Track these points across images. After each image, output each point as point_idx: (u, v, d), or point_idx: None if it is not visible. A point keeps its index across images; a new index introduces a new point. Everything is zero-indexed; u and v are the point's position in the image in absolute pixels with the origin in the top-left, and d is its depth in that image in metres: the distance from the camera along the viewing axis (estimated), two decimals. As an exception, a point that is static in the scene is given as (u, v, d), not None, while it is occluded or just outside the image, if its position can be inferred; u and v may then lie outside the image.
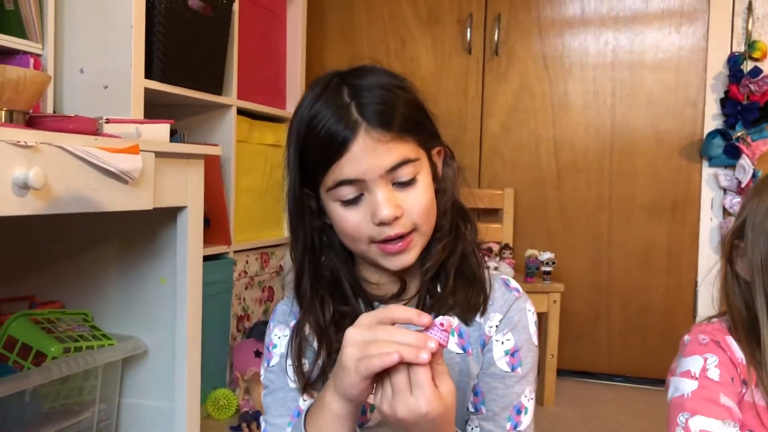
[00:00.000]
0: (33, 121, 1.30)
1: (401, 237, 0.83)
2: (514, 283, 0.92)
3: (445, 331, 0.68)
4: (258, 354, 2.12)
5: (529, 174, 2.69)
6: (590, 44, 2.62)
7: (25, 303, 1.64)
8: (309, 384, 0.86)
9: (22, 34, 1.62)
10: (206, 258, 1.69)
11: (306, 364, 0.87)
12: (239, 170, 2.21)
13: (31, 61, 1.64)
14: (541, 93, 2.68)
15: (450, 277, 0.87)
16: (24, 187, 1.08)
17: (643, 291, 2.56)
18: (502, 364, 0.86)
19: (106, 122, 1.44)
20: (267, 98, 2.40)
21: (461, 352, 0.86)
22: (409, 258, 0.84)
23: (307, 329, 0.88)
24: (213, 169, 2.06)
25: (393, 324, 0.69)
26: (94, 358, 1.46)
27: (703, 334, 1.00)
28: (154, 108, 1.83)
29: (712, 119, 2.46)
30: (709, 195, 2.48)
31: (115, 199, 1.28)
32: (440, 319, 0.68)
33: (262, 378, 0.94)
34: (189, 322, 1.55)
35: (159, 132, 1.51)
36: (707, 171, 2.47)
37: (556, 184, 2.66)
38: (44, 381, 1.35)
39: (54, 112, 1.68)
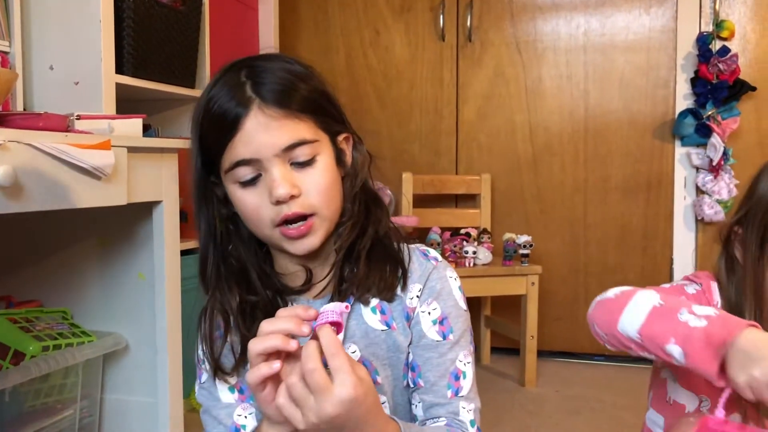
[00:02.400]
0: (2, 119, 1.28)
1: (302, 219, 0.81)
2: (433, 253, 0.92)
3: (336, 312, 0.70)
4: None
5: (506, 159, 2.71)
6: (562, 28, 2.64)
7: (2, 304, 1.63)
8: (220, 369, 0.86)
9: (-12, 32, 1.61)
10: (184, 252, 1.69)
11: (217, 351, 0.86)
12: (215, 163, 2.20)
13: (-1, 58, 1.62)
14: (515, 78, 2.69)
15: (361, 260, 0.86)
16: (-6, 185, 1.07)
17: (619, 270, 2.60)
18: (432, 333, 0.86)
19: (77, 119, 1.43)
20: (241, 90, 2.39)
21: (386, 328, 0.86)
22: (312, 241, 0.83)
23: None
24: (188, 162, 2.05)
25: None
26: (73, 355, 1.46)
27: None
28: (127, 103, 1.82)
29: (683, 99, 2.49)
30: (682, 174, 2.51)
31: (89, 196, 1.27)
32: (328, 306, 0.71)
33: (196, 395, 0.92)
34: (169, 317, 1.55)
35: (131, 127, 1.51)
36: (680, 150, 2.51)
37: (532, 168, 2.68)
38: (23, 380, 1.34)
39: (24, 109, 1.67)
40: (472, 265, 2.30)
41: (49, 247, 1.67)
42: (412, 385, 0.87)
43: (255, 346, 0.70)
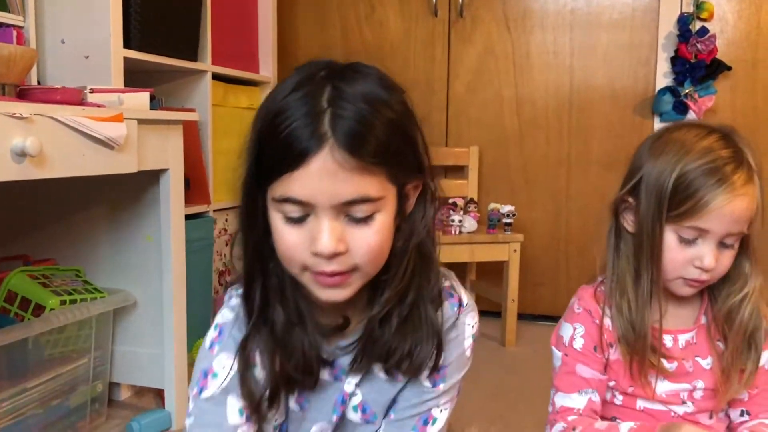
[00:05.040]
0: (23, 93, 1.40)
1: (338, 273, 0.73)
2: (458, 291, 0.86)
3: None
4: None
5: (493, 132, 2.83)
6: (550, 5, 2.73)
7: (19, 262, 1.76)
8: (260, 405, 0.81)
9: (4, 7, 1.71)
10: (188, 217, 1.82)
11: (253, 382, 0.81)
12: (216, 133, 2.32)
13: (14, 33, 1.73)
14: (504, 54, 2.80)
15: (392, 327, 0.79)
16: (21, 154, 1.20)
17: (598, 240, 2.73)
18: (424, 378, 0.83)
19: (90, 92, 1.55)
20: (240, 63, 2.50)
21: (390, 378, 0.84)
22: (343, 294, 0.76)
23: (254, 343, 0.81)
24: (191, 132, 2.17)
25: None
26: (88, 309, 1.60)
27: (580, 301, 1.11)
28: (133, 75, 1.93)
29: (664, 77, 2.60)
30: (660, 149, 2.63)
31: (103, 164, 1.40)
32: None
33: (190, 407, 0.83)
34: (174, 276, 1.69)
35: (140, 100, 1.63)
36: (658, 126, 2.62)
37: (518, 141, 2.80)
38: (43, 330, 1.49)
39: (38, 82, 1.78)
40: (457, 232, 2.43)
41: (64, 211, 1.80)
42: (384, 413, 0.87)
43: None
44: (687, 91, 2.51)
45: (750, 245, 1.03)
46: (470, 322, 0.86)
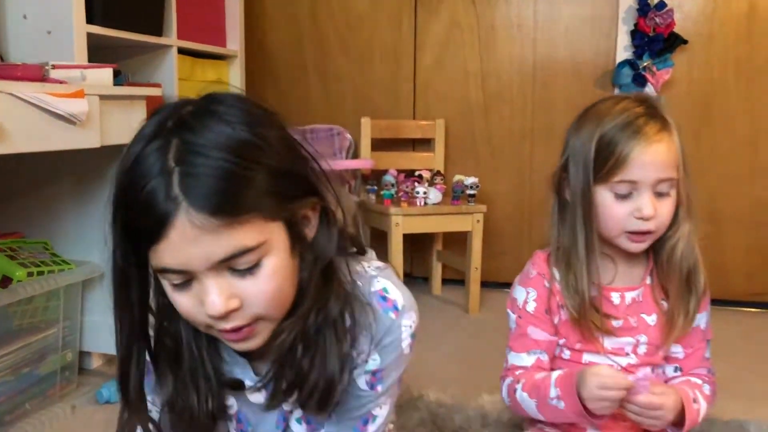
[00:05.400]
0: (-17, 70, 1.43)
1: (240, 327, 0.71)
2: (392, 294, 0.82)
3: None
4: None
5: (459, 105, 2.88)
6: (515, -22, 2.77)
7: (-14, 235, 1.79)
8: None
9: (-37, -18, 1.72)
10: (153, 190, 1.86)
11: None
12: (183, 107, 2.34)
13: (-25, 9, 1.74)
14: (470, 27, 2.84)
15: (297, 355, 0.76)
16: (-19, 130, 1.23)
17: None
18: (361, 382, 0.83)
19: (52, 68, 1.57)
20: (207, 37, 2.51)
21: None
22: (254, 344, 0.74)
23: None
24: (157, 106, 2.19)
25: None
26: (55, 280, 1.64)
27: (534, 266, 1.21)
28: (98, 50, 1.94)
29: (624, 50, 2.66)
30: (619, 121, 2.71)
31: (65, 139, 1.43)
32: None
33: None
34: (140, 247, 1.73)
35: (103, 76, 1.66)
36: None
37: (484, 114, 2.86)
38: (11, 301, 1.53)
39: (1, 58, 1.80)
40: (422, 204, 2.49)
41: (31, 185, 1.84)
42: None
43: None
44: (645, 64, 2.57)
45: (679, 191, 1.11)
46: (407, 323, 0.82)
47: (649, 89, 2.55)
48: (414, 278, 3.02)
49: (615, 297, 1.17)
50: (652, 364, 1.20)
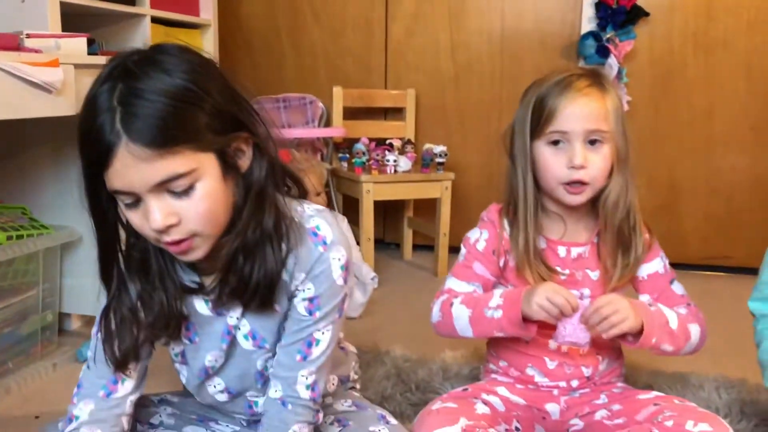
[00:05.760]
0: (-41, 38, 1.47)
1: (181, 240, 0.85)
2: (324, 230, 0.96)
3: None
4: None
5: (430, 75, 2.94)
6: (484, -50, 2.82)
7: (-35, 201, 1.84)
8: (124, 363, 0.96)
9: (-65, -49, 1.74)
10: (129, 157, 1.91)
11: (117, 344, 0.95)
12: (157, 76, 2.38)
13: (-52, -23, 1.76)
14: (440, -1, 2.89)
15: (239, 265, 0.91)
16: (-39, 98, 1.28)
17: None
18: (301, 308, 0.96)
19: (26, 37, 1.61)
20: (180, 6, 2.54)
21: (278, 311, 0.98)
22: (195, 255, 0.88)
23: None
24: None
25: None
26: (35, 244, 1.71)
27: (488, 213, 1.34)
28: (72, 18, 1.97)
29: (588, 22, 2.73)
30: (584, 91, 2.79)
31: (42, 107, 1.49)
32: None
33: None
34: (117, 212, 1.80)
35: (76, 45, 1.70)
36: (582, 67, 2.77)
37: (454, 84, 2.93)
38: (-8, 263, 1.60)
39: (-25, 27, 1.82)
40: (393, 171, 2.57)
41: (8, 152, 1.88)
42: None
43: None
44: (609, 35, 2.65)
45: (613, 147, 1.19)
46: (336, 256, 0.95)
47: (612, 60, 2.63)
48: (386, 244, 3.11)
49: (561, 250, 1.27)
50: None
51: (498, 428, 1.18)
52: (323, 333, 0.98)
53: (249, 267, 0.91)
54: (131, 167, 0.79)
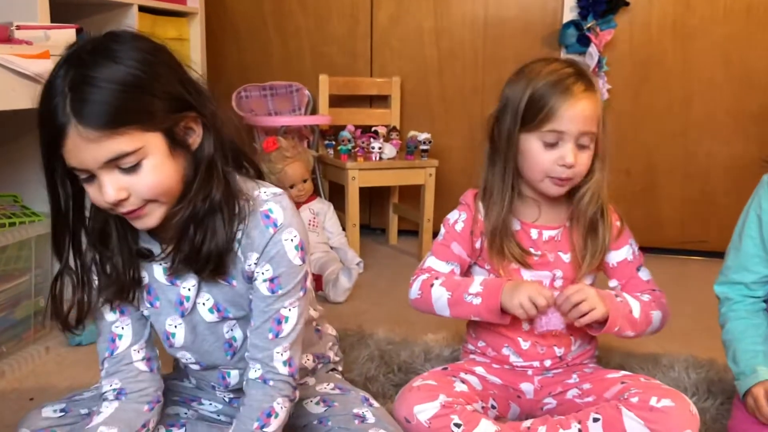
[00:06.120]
0: (-50, 31, 1.50)
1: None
2: (274, 215, 1.01)
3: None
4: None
5: (414, 63, 2.98)
6: (467, -63, 2.86)
7: (-43, 190, 1.88)
8: (67, 325, 1.05)
9: (-76, -58, 1.75)
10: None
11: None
12: (145, 65, 2.40)
13: (-64, -32, 1.78)
14: (424, -14, 2.93)
15: (190, 234, 0.98)
16: (-46, 90, 1.32)
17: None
18: (263, 289, 1.02)
19: (16, 28, 1.64)
20: (167, -6, 2.56)
21: (227, 284, 1.05)
22: (149, 222, 0.96)
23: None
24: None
25: None
26: (27, 231, 1.75)
27: (465, 198, 1.39)
28: (59, 6, 1.99)
29: (570, 11, 2.78)
30: (565, 79, 2.85)
31: (32, 98, 1.51)
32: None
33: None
34: (107, 200, 1.84)
35: (66, 36, 1.73)
36: (564, 57, 2.83)
37: (438, 71, 2.97)
38: (-15, 250, 1.64)
39: (-35, 18, 1.84)
40: (378, 158, 2.62)
41: (-1, 141, 1.92)
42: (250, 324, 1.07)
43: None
44: (590, 24, 2.70)
45: (598, 145, 1.27)
46: (288, 237, 1.01)
47: (592, 49, 2.68)
48: (372, 229, 3.17)
49: (534, 233, 1.34)
50: None
51: (475, 405, 1.25)
52: (290, 310, 1.04)
53: (200, 236, 0.97)
54: (81, 147, 0.86)
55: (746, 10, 2.63)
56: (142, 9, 2.40)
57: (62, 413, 1.08)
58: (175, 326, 1.10)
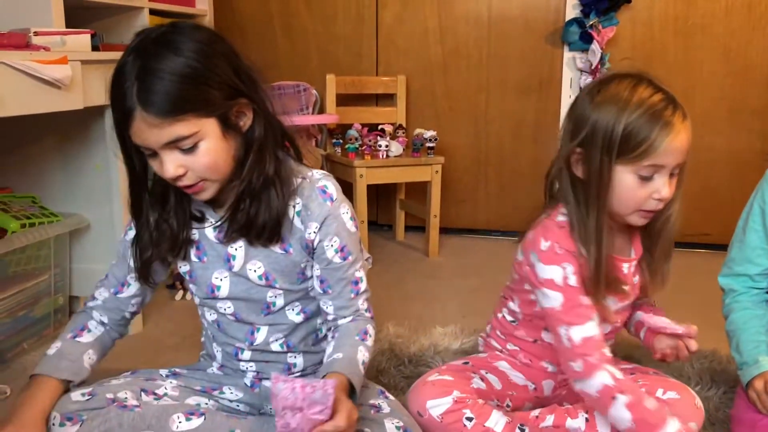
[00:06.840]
0: (-29, 39, 1.54)
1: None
2: (330, 190, 1.14)
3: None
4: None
5: (419, 61, 3.03)
6: (471, -63, 2.90)
7: (-23, 191, 1.93)
8: (146, 275, 1.18)
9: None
10: (132, 146, 2.00)
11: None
12: (155, 67, 2.45)
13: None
14: (429, -15, 2.97)
15: (246, 205, 1.09)
16: (-21, 96, 1.36)
17: (514, 159, 3.02)
18: (336, 259, 1.15)
19: (34, 35, 1.69)
20: (176, -3, 2.61)
21: (284, 252, 1.15)
22: (204, 196, 1.08)
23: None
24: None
25: None
26: (46, 231, 1.80)
27: (560, 243, 1.20)
28: (72, 10, 2.03)
29: (573, 9, 2.82)
30: (568, 75, 2.89)
31: (51, 102, 1.57)
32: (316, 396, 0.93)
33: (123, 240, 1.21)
34: (123, 199, 1.89)
35: (81, 41, 1.77)
36: (567, 55, 2.87)
37: (442, 69, 3.01)
38: (7, 250, 1.69)
39: (-17, 24, 1.89)
40: (385, 156, 2.67)
41: (18, 144, 1.97)
42: (321, 292, 1.18)
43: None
44: (592, 22, 2.74)
45: (682, 170, 1.20)
46: (344, 210, 1.15)
47: (595, 47, 2.72)
48: (380, 225, 3.22)
49: (625, 267, 1.28)
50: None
51: (489, 402, 1.26)
52: (359, 272, 1.19)
53: (255, 208, 1.09)
54: (145, 130, 0.97)
55: (747, 6, 2.67)
56: (153, 12, 2.44)
57: (90, 396, 1.12)
58: (221, 279, 1.19)
